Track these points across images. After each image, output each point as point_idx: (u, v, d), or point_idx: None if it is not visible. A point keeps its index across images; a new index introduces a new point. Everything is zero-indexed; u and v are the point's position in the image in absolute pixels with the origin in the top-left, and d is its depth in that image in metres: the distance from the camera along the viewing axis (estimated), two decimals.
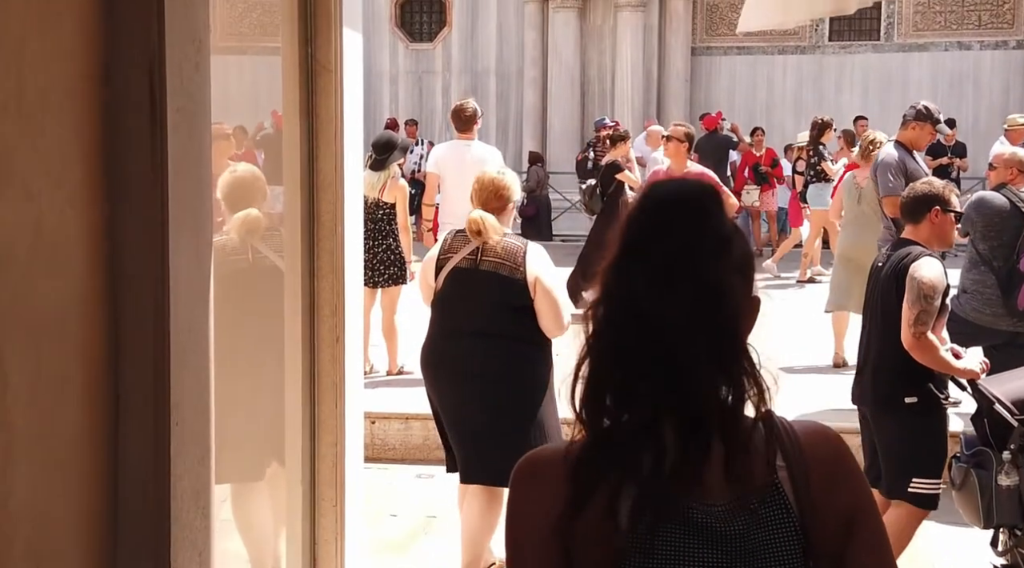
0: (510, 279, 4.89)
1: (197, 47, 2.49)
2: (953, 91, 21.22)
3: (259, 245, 4.50)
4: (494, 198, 5.11)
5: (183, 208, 2.42)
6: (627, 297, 1.69)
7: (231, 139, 6.53)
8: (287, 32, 4.12)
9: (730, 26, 22.08)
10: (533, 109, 22.11)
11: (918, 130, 7.90)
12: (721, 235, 1.71)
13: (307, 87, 4.18)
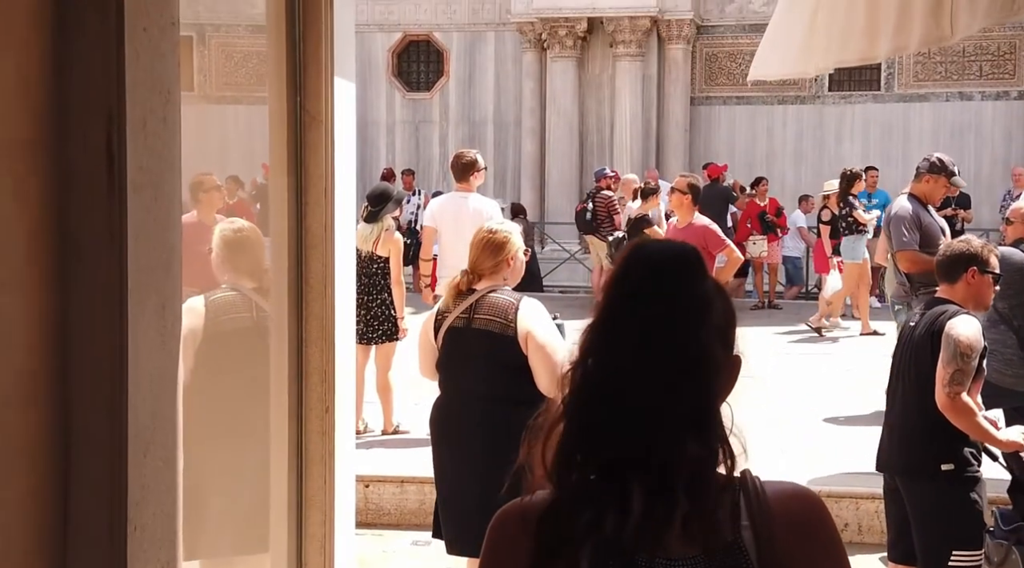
0: (501, 336, 4.64)
1: (165, 98, 2.21)
2: (955, 141, 21.01)
3: (262, 302, 4.22)
4: (488, 255, 4.83)
5: (145, 280, 2.13)
6: (604, 359, 1.73)
7: (222, 190, 6.25)
8: (274, 81, 3.86)
9: (729, 76, 21.98)
10: (531, 159, 21.92)
11: (932, 183, 7.65)
12: (701, 299, 1.74)
13: (296, 140, 3.91)
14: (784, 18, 4.56)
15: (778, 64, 4.78)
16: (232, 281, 4.32)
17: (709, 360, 1.71)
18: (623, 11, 20.63)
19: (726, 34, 22.02)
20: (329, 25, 3.87)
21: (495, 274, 4.81)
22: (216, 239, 4.42)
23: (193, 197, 5.64)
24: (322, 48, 3.86)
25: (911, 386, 4.87)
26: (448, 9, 22.82)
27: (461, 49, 22.88)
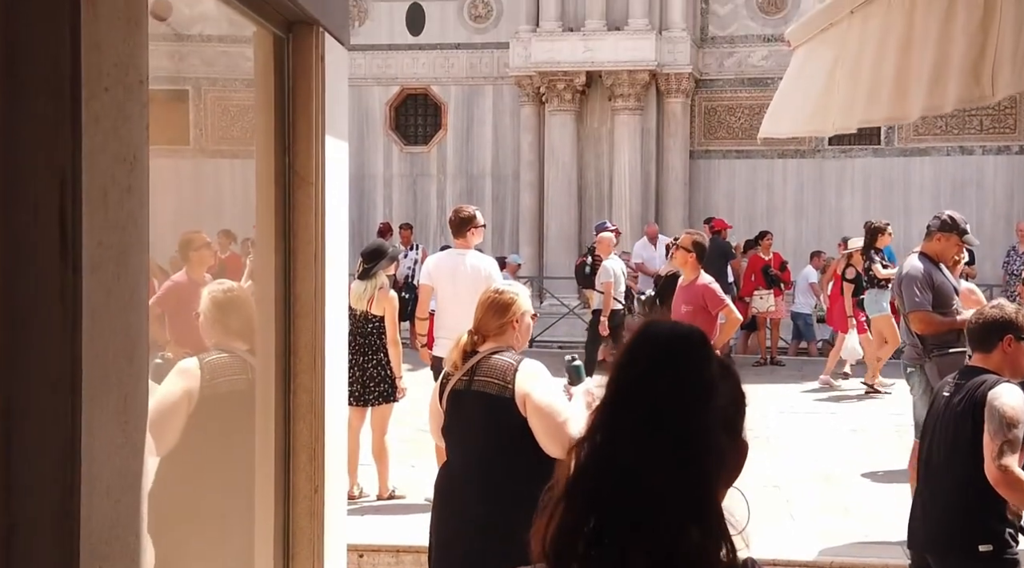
0: (499, 398, 4.43)
1: (131, 165, 1.98)
2: (956, 196, 20.89)
3: (256, 364, 3.98)
4: (493, 316, 4.62)
5: (105, 370, 1.88)
6: (608, 442, 1.74)
7: (212, 248, 6.02)
8: (262, 140, 3.63)
9: (728, 129, 21.88)
10: (530, 213, 21.75)
11: (944, 241, 7.43)
12: (706, 385, 1.75)
13: (284, 201, 3.68)
14: (797, 75, 4.35)
15: (790, 122, 4.56)
16: (223, 344, 4.07)
17: (712, 447, 1.72)
18: (622, 65, 20.55)
19: (725, 88, 21.94)
20: (320, 81, 3.65)
21: (500, 336, 4.62)
22: (206, 301, 4.18)
23: (183, 256, 5.44)
24: (313, 105, 3.64)
25: (948, 459, 4.61)
26: (446, 63, 22.76)
27: (459, 102, 22.79)
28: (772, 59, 21.55)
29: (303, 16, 3.57)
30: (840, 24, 3.57)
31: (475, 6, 22.65)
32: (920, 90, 2.68)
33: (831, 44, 3.67)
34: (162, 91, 3.51)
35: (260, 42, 3.58)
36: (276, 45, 3.59)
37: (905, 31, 2.82)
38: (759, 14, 21.75)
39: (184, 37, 3.71)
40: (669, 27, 21.00)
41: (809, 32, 4.07)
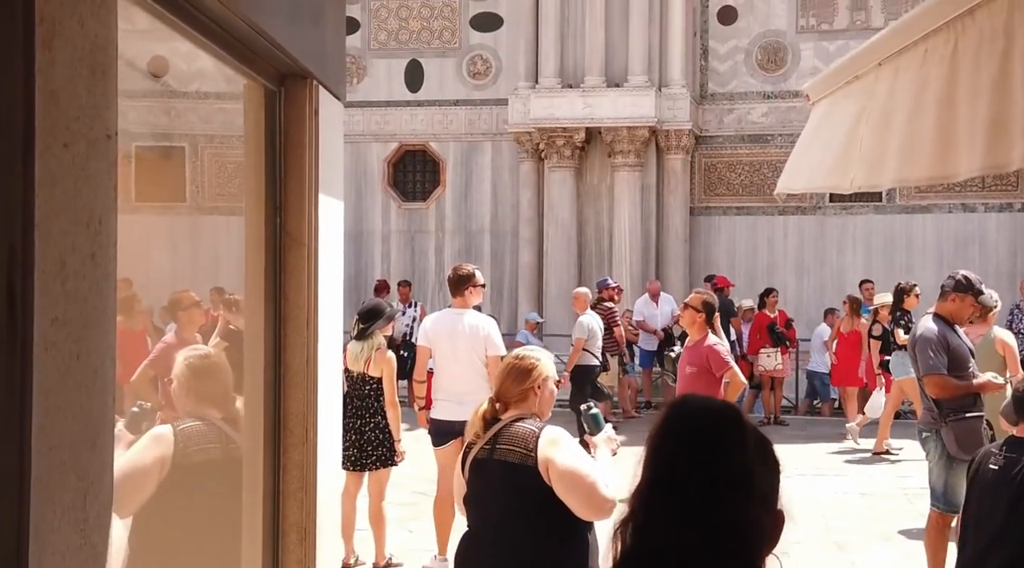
0: (521, 466, 4.26)
1: (95, 230, 1.76)
2: (959, 253, 20.71)
3: (232, 433, 3.73)
4: (514, 383, 4.44)
5: (60, 460, 1.65)
6: (648, 527, 1.77)
7: (201, 307, 5.82)
8: (252, 198, 3.42)
9: (729, 186, 21.75)
10: (529, 269, 21.55)
11: (958, 302, 7.21)
12: (742, 467, 1.75)
13: (275, 264, 3.47)
14: (817, 129, 4.14)
15: (807, 177, 4.35)
16: (197, 411, 3.83)
17: (751, 529, 1.73)
18: (621, 121, 20.45)
19: (725, 145, 21.84)
20: (314, 136, 3.45)
21: (522, 403, 4.45)
22: (179, 367, 3.94)
23: (172, 316, 5.25)
24: (306, 162, 3.43)
25: (1000, 536, 4.36)
26: (444, 119, 22.68)
27: (458, 159, 22.69)
28: (772, 116, 21.50)
29: (296, 69, 3.37)
30: (866, 76, 3.37)
31: (474, 63, 22.61)
32: (973, 147, 2.47)
33: (855, 97, 3.48)
34: (158, 148, 3.31)
35: (251, 96, 3.38)
36: (268, 99, 3.39)
37: (947, 83, 2.62)
38: (759, 71, 21.70)
39: (181, 94, 3.53)
40: (669, 84, 20.94)
41: (831, 85, 3.87)
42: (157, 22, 2.64)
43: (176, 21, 2.67)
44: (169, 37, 2.86)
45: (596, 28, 20.65)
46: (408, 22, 22.79)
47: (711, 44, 21.88)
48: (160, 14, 2.59)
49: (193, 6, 2.69)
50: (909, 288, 12.25)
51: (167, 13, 2.60)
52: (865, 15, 21.25)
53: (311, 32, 3.49)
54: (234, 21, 2.83)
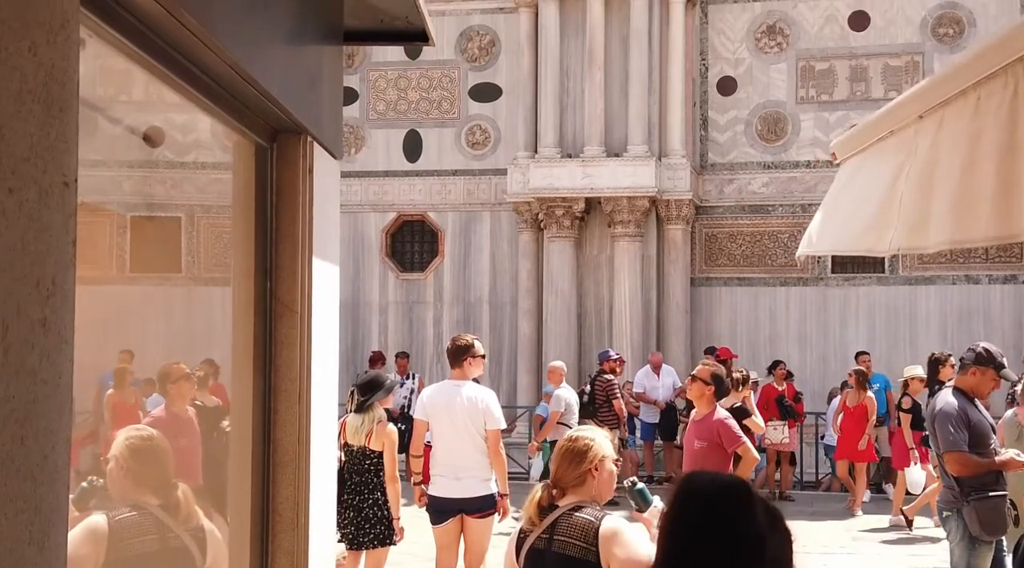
0: (582, 561, 4.07)
1: (47, 292, 1.51)
2: (963, 326, 20.47)
3: (181, 530, 3.42)
4: (569, 466, 4.20)
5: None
6: None
7: (191, 379, 5.57)
8: (240, 263, 3.18)
9: (730, 256, 21.56)
10: (528, 341, 21.27)
11: (979, 376, 6.94)
12: (755, 539, 1.82)
13: (264, 333, 3.21)
14: (846, 188, 3.88)
15: (833, 239, 4.07)
16: (133, 497, 3.52)
17: None
18: (621, 191, 20.31)
19: (726, 215, 21.68)
20: (308, 196, 3.21)
21: (579, 487, 4.21)
22: (120, 446, 3.63)
23: (161, 389, 5.01)
24: (299, 223, 3.19)
25: None
26: (443, 189, 22.55)
27: (456, 229, 22.52)
28: (773, 186, 21.38)
29: (290, 124, 3.14)
30: (904, 132, 3.13)
31: (472, 133, 22.53)
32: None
33: (891, 154, 3.24)
34: (155, 218, 3.10)
35: (240, 153, 3.15)
36: (258, 156, 3.16)
37: (1007, 131, 2.38)
38: (759, 141, 21.61)
39: (177, 164, 3.31)
40: (668, 154, 20.85)
41: (861, 142, 3.63)
42: (138, 68, 2.41)
43: (159, 67, 2.44)
44: (158, 97, 2.64)
45: (595, 98, 20.59)
46: (407, 93, 22.75)
47: (711, 114, 21.82)
48: (142, 59, 2.36)
49: (177, 51, 2.46)
50: (944, 358, 11.70)
51: (149, 58, 2.37)
52: (865, 86, 21.22)
53: (306, 86, 3.27)
54: (222, 69, 2.61)
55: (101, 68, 2.45)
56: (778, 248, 21.36)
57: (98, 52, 2.25)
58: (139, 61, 2.32)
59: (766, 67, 21.59)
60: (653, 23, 20.70)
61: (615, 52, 20.71)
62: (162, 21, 2.26)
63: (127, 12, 2.18)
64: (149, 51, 2.36)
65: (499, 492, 8.32)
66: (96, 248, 2.86)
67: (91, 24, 2.04)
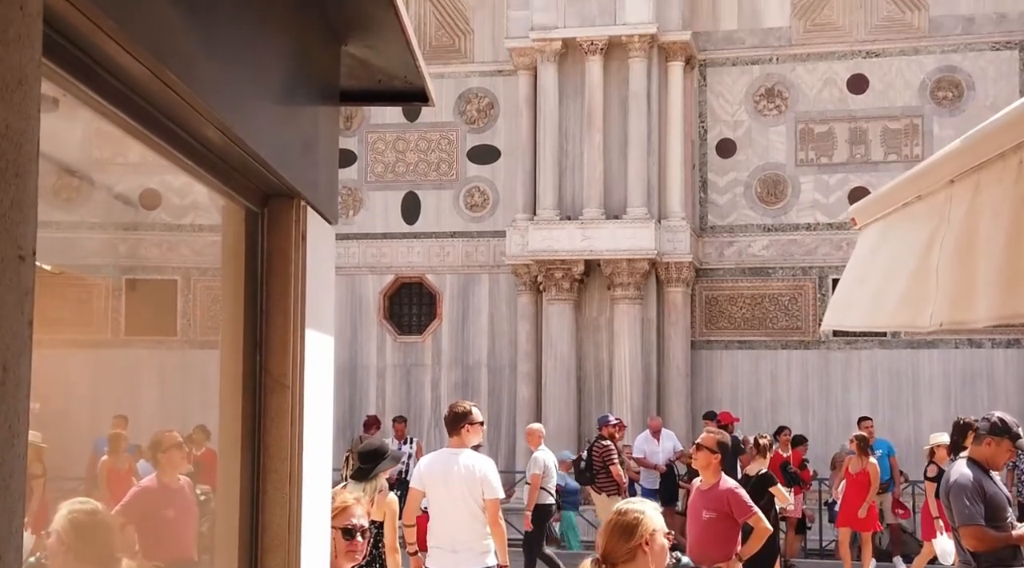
0: None
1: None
2: (967, 390, 20.28)
3: None
4: (619, 541, 4.02)
5: None
6: None
7: (183, 449, 5.36)
8: (228, 333, 2.99)
9: (730, 319, 21.40)
10: (527, 405, 21.01)
11: (994, 446, 6.74)
12: None
13: (254, 409, 3.02)
14: (871, 257, 3.69)
15: (864, 313, 3.85)
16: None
17: None
18: (621, 253, 20.19)
19: (726, 277, 21.55)
20: (301, 263, 3.04)
21: (631, 562, 4.03)
22: (62, 520, 3.38)
23: (151, 458, 4.80)
24: (291, 292, 3.01)
25: None
26: (441, 252, 22.43)
27: (454, 291, 22.37)
28: (773, 249, 21.27)
29: (282, 188, 2.97)
30: (933, 197, 2.96)
31: (471, 195, 22.46)
32: None
33: (921, 221, 3.07)
34: (150, 281, 2.93)
35: (229, 218, 2.98)
36: (248, 221, 2.99)
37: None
38: (759, 204, 21.53)
39: (174, 227, 3.14)
40: (668, 216, 20.76)
41: (884, 207, 3.45)
42: (117, 129, 2.25)
43: (138, 127, 2.27)
44: (139, 159, 2.48)
45: (595, 160, 20.55)
46: (405, 154, 22.71)
47: (710, 176, 21.77)
48: (120, 120, 2.20)
49: (159, 110, 2.29)
50: (970, 424, 11.41)
51: (128, 118, 2.20)
52: (865, 149, 21.19)
53: (299, 148, 3.11)
54: (209, 130, 2.44)
55: (79, 128, 2.28)
56: (779, 311, 21.21)
57: (75, 113, 2.09)
58: (117, 121, 2.15)
59: (765, 129, 21.58)
60: (652, 85, 20.71)
61: (614, 114, 20.70)
62: (143, 79, 2.10)
63: (103, 69, 2.01)
64: (128, 110, 2.19)
65: (499, 563, 8.09)
66: (86, 311, 2.70)
67: (62, 81, 1.88)
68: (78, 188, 2.30)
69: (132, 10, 1.93)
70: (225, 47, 2.44)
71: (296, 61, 3.03)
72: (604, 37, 20.55)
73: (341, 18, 3.22)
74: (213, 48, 2.34)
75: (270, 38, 2.78)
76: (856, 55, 21.25)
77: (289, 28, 2.97)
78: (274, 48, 2.81)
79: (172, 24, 2.07)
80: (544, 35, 20.78)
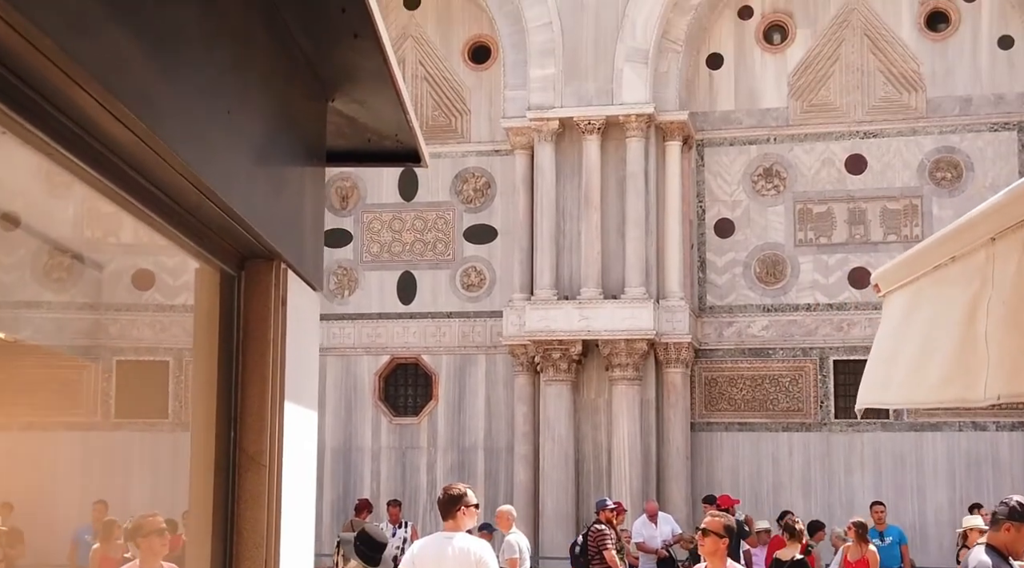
0: None
1: None
2: (971, 473, 19.93)
3: None
4: None
5: None
6: None
7: (165, 536, 5.09)
8: (200, 407, 2.74)
9: (730, 401, 21.10)
10: (524, 488, 20.61)
11: (1014, 532, 6.44)
12: None
13: (227, 490, 2.76)
14: (903, 327, 3.40)
15: (905, 388, 3.53)
16: None
17: None
18: (619, 334, 19.95)
19: (725, 358, 21.28)
20: (280, 331, 2.80)
21: None
22: None
23: (132, 543, 4.54)
24: (269, 362, 2.77)
25: None
26: (437, 332, 22.18)
27: (451, 372, 22.07)
28: (773, 330, 21.04)
29: (260, 248, 2.74)
30: (971, 257, 2.72)
31: (468, 274, 22.27)
32: None
33: (959, 284, 2.82)
34: (142, 363, 2.71)
35: (203, 282, 2.74)
36: (224, 284, 2.76)
37: None
38: (758, 284, 21.34)
39: (166, 307, 2.92)
40: (667, 296, 20.57)
41: (912, 271, 3.19)
42: (80, 182, 2.02)
43: (103, 181, 2.05)
44: (97, 212, 2.25)
45: (592, 239, 20.41)
46: (401, 234, 22.57)
47: (709, 256, 21.61)
48: (84, 173, 1.97)
49: (126, 162, 2.07)
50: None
51: (91, 170, 1.98)
52: (864, 229, 21.06)
53: (280, 207, 2.88)
54: (178, 183, 2.22)
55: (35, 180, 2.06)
56: (780, 392, 20.91)
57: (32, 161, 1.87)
58: (65, 164, 1.93)
59: (763, 209, 21.47)
60: (649, 165, 20.66)
61: (611, 193, 20.62)
62: (106, 127, 1.87)
63: (61, 113, 1.79)
64: (90, 162, 1.97)
65: None
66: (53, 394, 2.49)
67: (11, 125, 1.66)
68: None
69: (87, 47, 1.72)
70: (196, 92, 2.22)
71: (278, 114, 2.81)
72: (601, 117, 20.53)
73: (327, 70, 3.02)
74: (181, 90, 2.12)
75: (248, 87, 2.58)
76: (854, 135, 21.22)
77: (270, 80, 2.76)
78: (253, 99, 2.60)
79: (126, 56, 1.86)
80: (541, 114, 20.77)
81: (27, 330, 2.26)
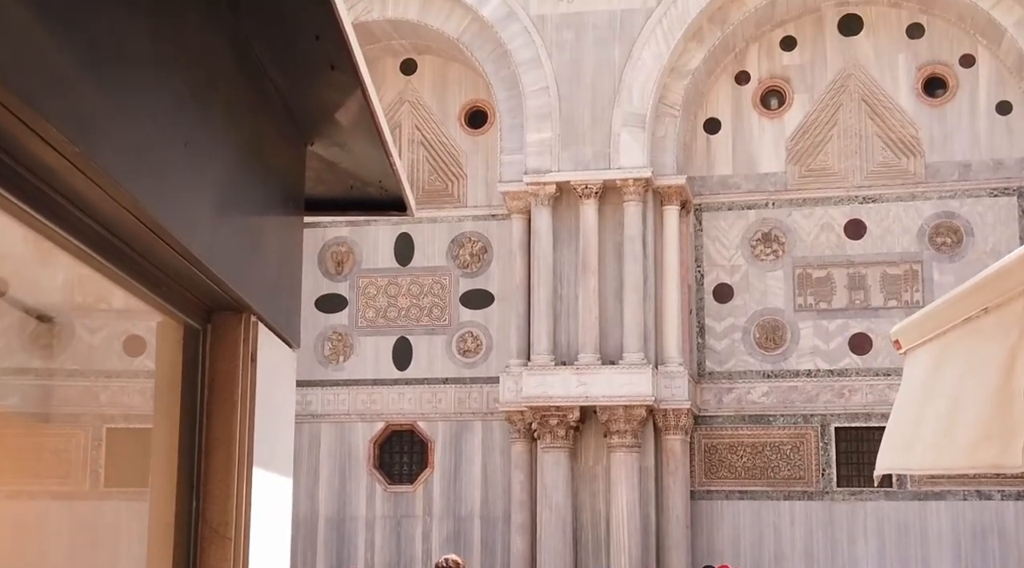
0: None
1: None
2: (977, 544, 19.56)
3: None
4: None
5: None
6: None
7: None
8: (158, 474, 2.49)
9: (731, 469, 20.76)
10: (521, 558, 20.20)
11: None
12: None
13: (186, 565, 2.50)
14: (928, 386, 3.16)
15: (929, 451, 3.27)
16: None
17: None
18: (617, 400, 19.67)
19: (725, 425, 20.97)
20: (249, 389, 2.55)
21: None
22: None
23: None
24: (235, 424, 2.52)
25: None
26: (433, 398, 21.88)
27: (447, 439, 21.74)
28: (773, 396, 20.76)
29: (227, 299, 2.51)
30: (1006, 308, 2.49)
31: (464, 340, 22.02)
32: None
33: (993, 337, 2.58)
34: (126, 430, 2.47)
35: (165, 336, 2.51)
36: (187, 339, 2.52)
37: None
38: (757, 350, 21.09)
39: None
40: (665, 361, 20.31)
41: (937, 325, 2.95)
42: (28, 229, 1.80)
43: (50, 227, 1.82)
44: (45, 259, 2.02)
45: (590, 304, 20.20)
46: (397, 299, 22.35)
47: (707, 321, 21.38)
48: (31, 219, 1.75)
49: (76, 206, 1.84)
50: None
51: (39, 217, 1.75)
52: (864, 294, 20.86)
53: (249, 255, 2.65)
54: (125, 219, 1.99)
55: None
56: (780, 460, 20.57)
57: None
58: (27, 220, 1.70)
59: (762, 274, 21.28)
60: (647, 229, 20.51)
61: (609, 258, 20.45)
62: (34, 150, 1.64)
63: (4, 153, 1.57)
64: (39, 209, 1.75)
65: None
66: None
67: None
68: None
69: (7, 57, 1.50)
70: (145, 117, 2.00)
71: (246, 152, 2.59)
72: (599, 181, 20.42)
73: (303, 108, 2.81)
74: (125, 114, 1.90)
75: (209, 119, 2.36)
76: (853, 200, 21.09)
77: (236, 112, 2.54)
78: (215, 131, 2.38)
79: (55, 70, 1.63)
80: (538, 178, 20.65)
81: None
